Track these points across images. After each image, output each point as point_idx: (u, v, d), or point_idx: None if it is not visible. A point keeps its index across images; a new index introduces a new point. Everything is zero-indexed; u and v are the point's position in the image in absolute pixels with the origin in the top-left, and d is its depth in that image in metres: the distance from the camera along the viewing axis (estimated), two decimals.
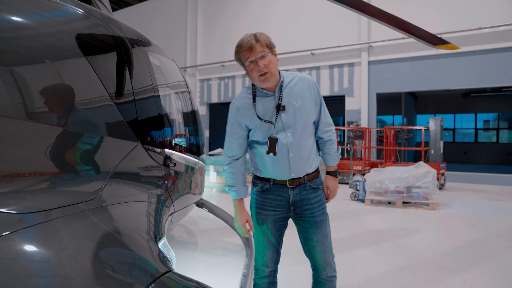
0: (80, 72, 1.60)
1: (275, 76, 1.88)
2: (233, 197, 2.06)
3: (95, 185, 1.60)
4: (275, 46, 2.03)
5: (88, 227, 1.47)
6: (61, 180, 1.47)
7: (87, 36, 1.75)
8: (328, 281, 1.98)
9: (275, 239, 1.99)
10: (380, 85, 11.88)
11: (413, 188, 6.68)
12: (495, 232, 4.92)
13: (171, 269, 1.43)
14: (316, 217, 1.95)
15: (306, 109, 1.91)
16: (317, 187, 1.99)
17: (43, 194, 1.39)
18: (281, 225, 2.00)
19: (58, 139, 1.45)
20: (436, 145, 9.38)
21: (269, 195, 1.97)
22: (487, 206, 6.98)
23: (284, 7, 13.60)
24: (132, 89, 1.96)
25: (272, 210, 1.96)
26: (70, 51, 1.58)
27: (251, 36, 1.89)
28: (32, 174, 1.36)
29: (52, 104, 1.43)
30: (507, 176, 10.49)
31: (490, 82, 10.49)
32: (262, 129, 1.90)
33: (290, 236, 4.53)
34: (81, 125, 1.57)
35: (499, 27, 9.90)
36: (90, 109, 1.63)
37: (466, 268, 3.52)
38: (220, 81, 15.56)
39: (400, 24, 3.80)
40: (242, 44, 1.89)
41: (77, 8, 1.79)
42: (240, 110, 1.95)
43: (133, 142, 1.94)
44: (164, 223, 2.10)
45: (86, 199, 1.52)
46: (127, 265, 1.40)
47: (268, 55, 1.86)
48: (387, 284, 3.10)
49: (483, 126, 19.82)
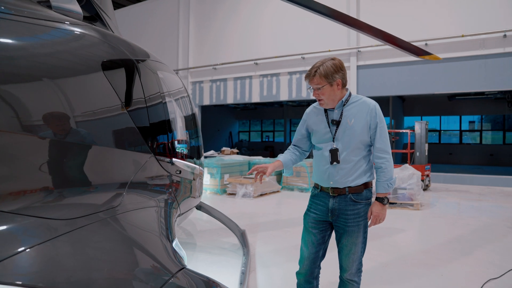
0: (107, 98, 1.86)
1: (329, 102, 2.19)
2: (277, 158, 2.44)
3: (118, 194, 1.88)
4: (265, 51, 2.36)
5: (116, 231, 1.75)
6: (94, 190, 1.74)
7: (110, 62, 2.01)
8: (348, 283, 2.25)
9: (314, 240, 2.26)
10: (368, 89, 12.26)
11: (398, 189, 7.03)
12: (472, 230, 5.29)
13: (184, 266, 1.71)
14: (349, 227, 2.17)
15: (356, 128, 2.16)
16: (358, 201, 2.19)
17: (80, 203, 1.66)
18: (322, 228, 2.27)
19: (90, 156, 1.72)
20: (421, 147, 9.78)
21: (316, 199, 2.29)
22: (468, 206, 7.38)
23: (275, 11, 13.88)
24: (147, 109, 2.24)
25: (313, 213, 2.27)
26: (97, 79, 1.84)
27: (317, 67, 2.16)
28: (73, 186, 1.63)
29: (86, 126, 1.70)
30: (489, 177, 10.97)
31: (472, 87, 10.96)
32: (318, 135, 2.27)
33: (282, 236, 4.82)
34: (108, 142, 1.84)
35: (480, 35, 10.37)
36: (115, 129, 1.91)
37: (444, 264, 3.86)
38: (212, 84, 15.79)
39: (387, 37, 4.10)
40: (308, 72, 2.20)
41: (99, 37, 2.06)
42: (309, 115, 2.36)
43: (148, 154, 2.21)
44: (174, 225, 2.38)
45: (113, 206, 1.79)
46: (150, 262, 1.68)
47: (324, 87, 2.14)
48: (372, 279, 3.41)
49: (468, 127, 20.39)
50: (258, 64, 14.36)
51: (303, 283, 2.33)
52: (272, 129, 26.45)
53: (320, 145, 2.26)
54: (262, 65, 14.34)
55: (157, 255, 1.75)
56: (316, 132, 2.28)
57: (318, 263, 2.32)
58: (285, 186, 9.57)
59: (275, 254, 4.17)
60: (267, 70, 14.25)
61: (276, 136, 26.16)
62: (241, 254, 4.04)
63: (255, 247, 4.42)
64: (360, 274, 2.27)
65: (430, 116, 20.04)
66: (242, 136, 27.22)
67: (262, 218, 6.23)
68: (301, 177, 9.35)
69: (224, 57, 15.21)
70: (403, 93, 12.37)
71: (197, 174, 3.52)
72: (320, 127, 2.25)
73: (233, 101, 15.36)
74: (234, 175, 9.33)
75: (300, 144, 2.43)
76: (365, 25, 3.95)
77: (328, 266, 2.62)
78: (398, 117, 18.16)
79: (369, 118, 2.18)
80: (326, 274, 2.60)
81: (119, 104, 1.92)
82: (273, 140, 26.16)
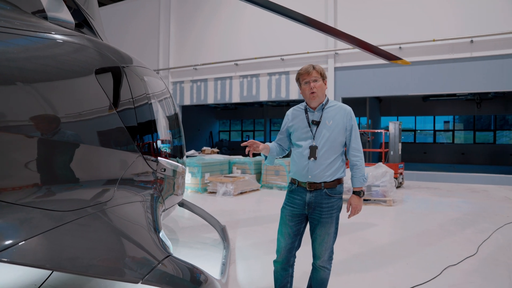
0: (102, 105, 2.05)
1: (320, 98, 2.47)
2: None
3: (111, 190, 2.07)
4: (246, 52, 2.60)
5: (109, 222, 1.95)
6: (90, 186, 1.93)
7: (101, 70, 2.20)
8: (320, 270, 2.49)
9: (291, 231, 2.48)
10: (345, 90, 12.66)
11: (372, 186, 7.38)
12: (438, 224, 5.66)
13: (170, 254, 1.92)
14: (323, 218, 2.40)
15: (334, 129, 2.43)
16: (332, 195, 2.42)
17: (76, 197, 1.84)
18: (298, 221, 2.48)
19: (87, 155, 1.91)
20: (395, 147, 10.20)
21: (293, 194, 2.50)
22: (436, 202, 7.80)
23: (255, 14, 14.09)
24: (135, 111, 2.43)
25: (290, 206, 2.49)
26: (92, 86, 2.03)
27: (310, 65, 2.47)
28: (71, 181, 1.82)
29: (83, 128, 1.89)
30: (459, 175, 11.52)
31: (443, 89, 11.50)
32: (299, 133, 2.50)
33: (261, 232, 5.05)
34: (101, 143, 2.03)
35: (449, 40, 10.91)
36: (108, 131, 2.10)
37: (409, 254, 4.18)
38: (193, 84, 15.90)
39: (360, 43, 4.37)
40: (302, 69, 2.47)
41: (93, 47, 2.24)
42: (291, 116, 2.59)
43: (136, 153, 2.41)
44: (160, 218, 2.58)
45: (106, 200, 1.99)
46: (139, 250, 1.89)
47: (319, 80, 2.45)
48: (345, 269, 3.67)
49: (442, 127, 21.16)
50: (238, 65, 14.57)
51: (280, 270, 2.56)
52: (252, 129, 26.69)
53: (300, 142, 2.48)
54: (242, 66, 14.56)
55: (146, 244, 1.96)
56: (297, 131, 2.51)
57: (293, 253, 2.55)
58: (265, 184, 9.82)
59: (254, 247, 4.40)
60: (247, 71, 14.47)
61: (256, 136, 26.39)
62: (222, 248, 4.25)
63: (235, 241, 4.64)
64: (331, 261, 2.52)
65: (406, 116, 20.72)
66: (223, 135, 27.35)
67: (242, 215, 6.46)
68: (280, 176, 9.63)
69: (205, 57, 15.35)
70: (379, 94, 12.83)
71: (180, 172, 3.71)
72: (301, 127, 2.49)
73: (214, 101, 15.52)
74: (215, 174, 9.52)
75: (282, 143, 2.66)
76: (340, 33, 4.22)
77: (302, 257, 2.86)
78: (375, 117, 18.73)
79: (345, 121, 2.46)
80: (300, 264, 2.84)
81: (112, 108, 2.11)
82: (254, 139, 26.31)
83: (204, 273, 1.93)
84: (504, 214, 6.46)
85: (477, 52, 10.73)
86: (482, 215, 6.36)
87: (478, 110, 18.50)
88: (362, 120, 21.10)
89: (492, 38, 10.52)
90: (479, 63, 10.79)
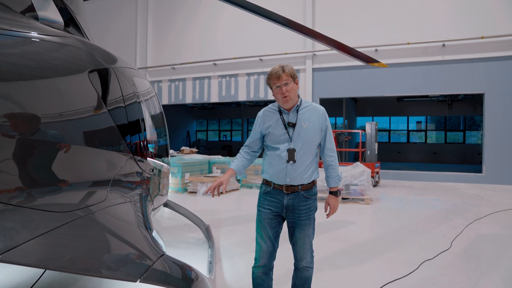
0: (97, 106, 2.07)
1: (293, 100, 2.38)
2: (229, 166, 2.56)
3: (104, 190, 2.09)
4: (224, 52, 2.57)
5: (105, 223, 1.98)
6: (84, 187, 1.95)
7: (94, 72, 2.21)
8: (304, 270, 2.47)
9: (271, 234, 2.43)
10: (323, 90, 12.89)
11: (351, 185, 7.58)
12: (414, 221, 5.90)
13: (164, 253, 1.96)
14: (302, 220, 2.39)
15: (310, 131, 2.38)
16: (309, 197, 2.40)
17: (72, 198, 1.86)
18: (276, 223, 2.44)
19: (82, 157, 1.93)
20: (372, 146, 10.48)
21: (269, 196, 2.44)
22: (411, 200, 8.10)
23: (234, 14, 14.13)
24: (126, 113, 2.45)
25: (268, 209, 2.43)
26: (85, 88, 2.04)
27: (280, 67, 2.35)
28: (66, 182, 1.83)
29: (77, 130, 1.91)
30: (431, 174, 11.96)
31: (417, 90, 11.92)
32: (275, 136, 2.41)
33: (244, 230, 5.12)
34: (95, 144, 2.05)
35: (423, 43, 11.32)
36: (100, 132, 2.12)
37: (388, 250, 4.35)
38: (171, 83, 15.79)
39: (338, 45, 4.48)
40: (272, 73, 2.37)
41: (85, 49, 2.25)
42: (264, 118, 2.49)
43: (127, 154, 2.43)
44: (151, 218, 2.61)
45: (100, 201, 2.01)
46: (135, 250, 1.93)
47: (290, 83, 2.35)
48: (329, 265, 3.79)
49: (415, 127, 21.83)
50: (217, 64, 14.58)
51: (261, 275, 2.49)
52: (230, 128, 26.70)
53: (277, 145, 2.40)
54: (221, 66, 14.57)
55: (141, 243, 2.00)
56: (272, 133, 2.42)
57: (274, 255, 2.50)
58: (244, 184, 9.89)
59: (237, 246, 4.47)
60: (225, 71, 14.50)
61: (233, 135, 26.44)
62: (206, 247, 4.29)
63: (219, 240, 4.70)
64: (313, 259, 2.52)
65: (381, 117, 21.27)
66: (200, 135, 27.24)
67: (224, 214, 6.51)
68: (260, 175, 9.71)
69: (183, 57, 15.27)
70: (356, 95, 13.15)
71: (165, 173, 3.74)
72: (277, 129, 2.41)
73: (192, 101, 15.47)
74: (195, 174, 9.51)
75: (253, 145, 2.55)
76: (319, 35, 4.30)
77: (278, 257, 2.88)
78: (351, 117, 19.13)
79: (320, 122, 2.43)
80: (276, 265, 2.79)
81: (105, 110, 2.13)
82: (231, 139, 26.41)
83: (195, 271, 1.98)
84: (474, 210, 6.78)
85: (449, 55, 11.17)
86: (454, 212, 6.66)
87: (449, 111, 19.21)
88: (339, 120, 21.54)
89: (463, 42, 11.00)
90: (450, 66, 11.24)
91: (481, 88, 11.06)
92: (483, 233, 5.14)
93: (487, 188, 10.05)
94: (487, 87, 10.96)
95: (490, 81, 10.90)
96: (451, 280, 3.41)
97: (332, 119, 22.03)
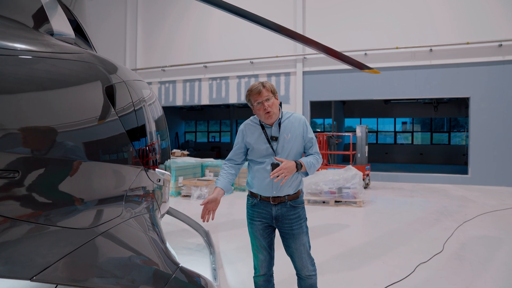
0: (114, 123, 2.13)
1: (276, 114, 2.41)
2: (215, 184, 2.56)
3: (119, 205, 2.15)
4: (215, 54, 2.62)
5: (123, 238, 2.03)
6: (102, 203, 2.00)
7: (110, 88, 2.26)
8: (307, 278, 2.48)
9: (266, 244, 2.50)
10: (313, 93, 13.06)
11: (343, 188, 7.73)
12: (405, 223, 6.07)
13: (179, 264, 2.04)
14: (294, 230, 2.41)
15: (293, 142, 2.41)
16: (296, 205, 2.45)
17: (91, 215, 1.91)
18: (269, 233, 2.50)
19: (103, 174, 1.99)
20: (362, 149, 10.67)
21: (257, 208, 2.49)
22: (402, 202, 8.30)
23: (224, 16, 14.17)
24: (138, 128, 2.51)
25: (259, 221, 2.49)
26: (103, 104, 2.10)
27: (260, 83, 2.38)
28: (86, 198, 1.89)
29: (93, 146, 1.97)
30: (419, 175, 12.23)
31: (405, 94, 12.17)
32: (259, 151, 2.44)
33: (242, 235, 5.20)
34: (110, 158, 2.12)
35: (411, 48, 11.59)
36: (116, 147, 2.18)
37: (384, 253, 4.49)
38: (161, 85, 15.75)
39: (332, 52, 4.57)
40: (252, 89, 2.39)
41: (100, 65, 2.30)
42: (246, 132, 2.52)
43: (139, 167, 2.49)
44: (161, 228, 2.68)
45: (116, 216, 2.07)
46: (155, 263, 2.00)
47: (271, 98, 2.38)
48: (328, 269, 3.91)
49: (401, 128, 22.23)
50: (207, 67, 14.61)
51: (263, 283, 2.56)
52: (219, 130, 26.71)
53: (261, 159, 2.43)
54: (211, 68, 14.61)
55: (159, 256, 2.07)
56: (256, 148, 2.45)
57: (272, 262, 2.58)
58: (237, 187, 9.96)
59: (238, 251, 4.55)
60: (216, 73, 14.54)
61: (222, 137, 26.45)
62: (206, 253, 4.36)
63: (219, 245, 4.77)
64: (314, 266, 2.52)
65: (368, 118, 21.61)
66: (188, 136, 27.17)
67: (220, 219, 6.58)
68: None
69: (174, 59, 15.25)
70: (345, 98, 13.34)
71: (168, 180, 3.80)
72: (261, 144, 2.43)
73: (183, 103, 15.46)
74: (188, 177, 9.54)
75: (237, 158, 2.59)
76: (311, 40, 4.36)
77: (278, 264, 2.99)
78: (339, 119, 19.38)
79: (302, 130, 2.45)
80: (277, 271, 2.87)
81: (122, 126, 2.19)
82: (220, 140, 26.43)
83: (205, 279, 2.07)
84: (463, 212, 7.00)
85: (436, 60, 11.46)
86: (444, 213, 6.87)
87: (435, 113, 19.64)
88: (327, 121, 21.80)
89: (449, 48, 11.30)
90: (437, 70, 11.53)
91: (467, 92, 11.38)
92: (472, 235, 5.33)
93: (473, 189, 10.34)
94: (473, 91, 11.28)
95: (476, 86, 11.22)
96: (449, 282, 3.56)
97: (321, 120, 22.29)
